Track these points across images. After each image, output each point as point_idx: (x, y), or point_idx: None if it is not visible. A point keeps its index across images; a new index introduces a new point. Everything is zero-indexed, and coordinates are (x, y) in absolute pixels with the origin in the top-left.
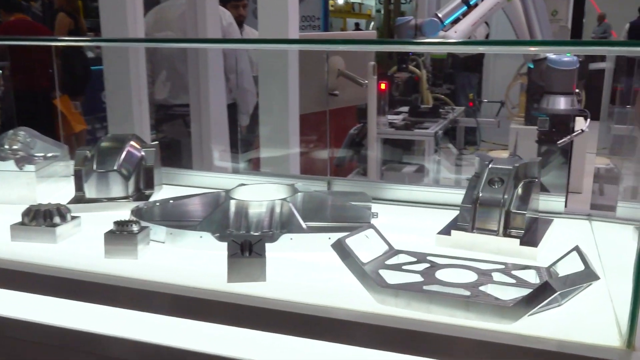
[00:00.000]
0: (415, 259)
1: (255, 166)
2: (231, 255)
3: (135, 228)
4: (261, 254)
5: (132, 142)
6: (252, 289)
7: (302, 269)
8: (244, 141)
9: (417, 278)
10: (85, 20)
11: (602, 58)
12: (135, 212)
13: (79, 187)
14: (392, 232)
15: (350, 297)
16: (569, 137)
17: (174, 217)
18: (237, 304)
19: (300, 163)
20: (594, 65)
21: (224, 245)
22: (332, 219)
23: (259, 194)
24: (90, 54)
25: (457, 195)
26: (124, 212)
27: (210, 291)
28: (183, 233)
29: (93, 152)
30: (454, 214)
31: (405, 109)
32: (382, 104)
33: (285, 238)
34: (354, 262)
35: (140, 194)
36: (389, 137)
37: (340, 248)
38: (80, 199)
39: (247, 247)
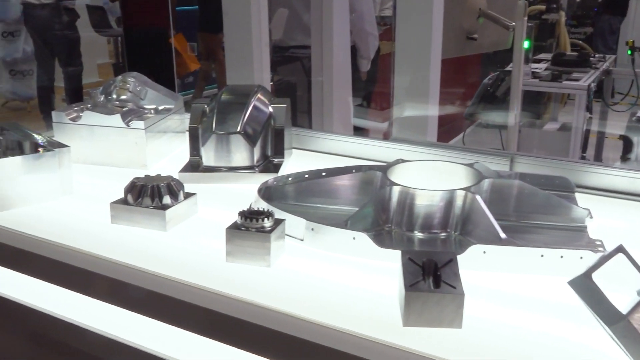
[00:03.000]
0: None
1: (387, 122)
2: (411, 286)
3: (267, 223)
4: (456, 287)
5: (259, 96)
6: (440, 344)
7: (510, 307)
8: (370, 92)
9: None
10: None
11: None
12: (264, 191)
13: (194, 150)
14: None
15: None
16: None
17: (314, 200)
18: None
19: (438, 120)
20: None
21: (385, 253)
22: (533, 220)
23: (428, 177)
24: None
25: None
26: (248, 186)
27: (379, 344)
28: (329, 231)
29: (212, 107)
30: None
31: (545, 56)
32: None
33: (475, 250)
34: (627, 326)
35: (267, 163)
36: (532, 89)
37: (591, 293)
38: (195, 165)
39: (431, 271)
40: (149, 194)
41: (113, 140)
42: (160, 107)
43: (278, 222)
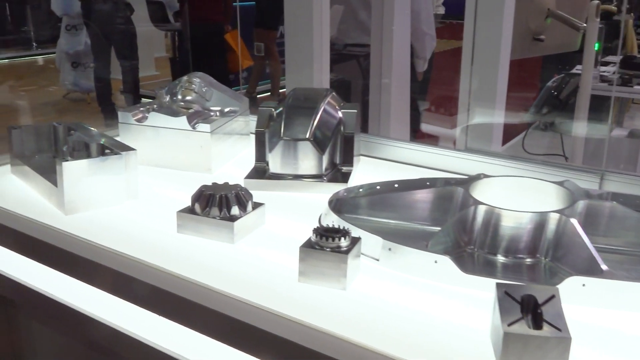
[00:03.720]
0: None
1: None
2: (509, 325)
3: (344, 243)
4: (561, 329)
5: (328, 100)
6: None
7: (618, 351)
8: (427, 94)
9: None
10: None
11: None
12: (334, 203)
13: (260, 155)
14: None
15: None
16: None
17: (387, 215)
18: None
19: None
20: None
21: (470, 280)
22: (629, 247)
23: (513, 195)
24: None
25: None
26: (316, 195)
27: None
28: (407, 252)
29: (280, 111)
30: None
31: (612, 58)
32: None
33: (573, 283)
34: None
35: (335, 172)
36: (601, 94)
37: None
38: (261, 172)
39: (530, 309)
40: (217, 204)
41: (178, 142)
42: (226, 109)
43: (355, 241)
